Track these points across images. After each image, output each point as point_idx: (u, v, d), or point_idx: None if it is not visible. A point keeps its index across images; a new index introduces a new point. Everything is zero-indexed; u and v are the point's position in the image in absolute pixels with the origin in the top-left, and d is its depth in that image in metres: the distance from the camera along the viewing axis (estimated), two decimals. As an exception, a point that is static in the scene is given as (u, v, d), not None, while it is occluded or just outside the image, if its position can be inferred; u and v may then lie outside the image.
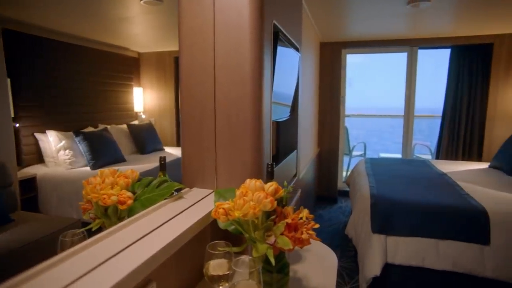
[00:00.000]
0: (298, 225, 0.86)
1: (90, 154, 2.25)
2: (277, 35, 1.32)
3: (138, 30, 2.67)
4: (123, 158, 2.57)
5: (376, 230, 2.14)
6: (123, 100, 2.85)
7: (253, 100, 1.13)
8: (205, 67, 1.17)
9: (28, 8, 1.73)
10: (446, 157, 4.18)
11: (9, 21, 1.64)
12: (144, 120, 3.05)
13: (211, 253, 0.82)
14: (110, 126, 2.70)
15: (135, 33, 2.78)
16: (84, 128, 2.39)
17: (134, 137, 2.86)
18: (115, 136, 2.63)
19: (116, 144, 2.59)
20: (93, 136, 2.38)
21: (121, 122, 2.84)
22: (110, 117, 2.72)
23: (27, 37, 1.80)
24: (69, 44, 2.11)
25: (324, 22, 3.39)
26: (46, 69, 1.96)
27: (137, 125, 2.96)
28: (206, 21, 1.14)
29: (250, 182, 0.85)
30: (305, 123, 3.25)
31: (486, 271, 1.99)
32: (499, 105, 3.86)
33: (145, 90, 2.95)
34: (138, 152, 2.86)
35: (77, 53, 2.21)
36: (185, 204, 1.04)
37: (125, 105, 2.87)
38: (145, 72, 2.92)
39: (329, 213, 4.05)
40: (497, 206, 2.12)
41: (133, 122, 2.96)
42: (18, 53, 1.74)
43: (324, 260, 1.19)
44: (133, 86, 2.93)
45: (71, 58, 2.14)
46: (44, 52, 1.93)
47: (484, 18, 3.12)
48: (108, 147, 2.51)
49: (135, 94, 2.93)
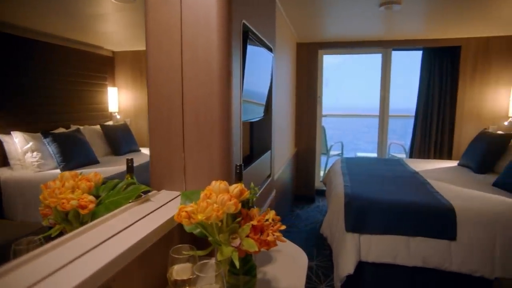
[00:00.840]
0: (264, 227, 0.85)
1: (60, 156, 2.17)
2: (247, 34, 1.31)
3: (112, 28, 2.59)
4: (96, 159, 2.49)
5: (350, 229, 2.18)
6: (96, 100, 2.76)
7: (221, 99, 1.12)
8: (172, 65, 1.14)
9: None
10: (419, 156, 4.31)
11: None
12: (119, 121, 2.97)
13: (175, 258, 0.80)
14: (83, 127, 2.61)
15: (108, 31, 2.70)
16: (55, 129, 2.30)
17: (108, 138, 2.78)
18: (88, 137, 2.54)
19: (89, 145, 2.51)
20: (64, 137, 2.29)
21: (94, 123, 2.75)
22: (83, 117, 2.63)
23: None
24: (38, 42, 2.02)
25: (300, 23, 3.41)
26: (11, 67, 1.87)
27: (111, 126, 2.87)
28: (173, 19, 1.12)
29: (215, 184, 0.83)
30: (281, 123, 3.26)
31: (453, 265, 2.06)
32: (467, 105, 4.02)
33: (120, 90, 2.87)
34: (113, 154, 2.78)
35: (46, 51, 2.12)
36: (151, 207, 1.01)
37: (99, 105, 2.78)
38: (120, 71, 2.84)
39: (307, 212, 4.09)
40: (463, 203, 2.21)
41: (108, 122, 2.88)
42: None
43: (294, 260, 1.19)
44: (107, 86, 2.84)
45: (39, 56, 2.05)
46: (9, 49, 1.84)
47: (452, 22, 3.24)
48: (80, 149, 2.43)
49: (110, 94, 2.85)
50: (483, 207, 2.16)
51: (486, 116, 3.97)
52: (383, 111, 4.62)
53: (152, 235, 0.83)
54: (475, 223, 2.06)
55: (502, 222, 2.03)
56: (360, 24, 3.38)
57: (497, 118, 3.92)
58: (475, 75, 3.95)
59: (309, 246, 3.06)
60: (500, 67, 3.85)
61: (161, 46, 1.15)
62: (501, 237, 2.01)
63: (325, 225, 2.58)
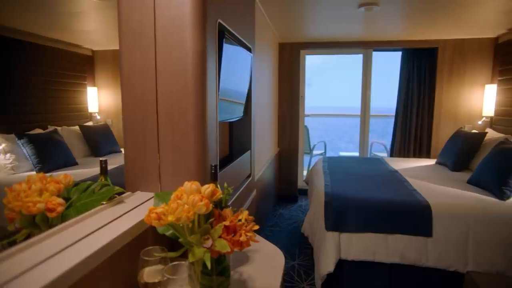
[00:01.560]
0: (237, 227, 0.85)
1: (36, 158, 2.11)
2: (223, 34, 1.31)
3: (91, 27, 2.54)
4: (74, 161, 2.44)
5: (330, 228, 2.20)
6: (75, 101, 2.69)
7: (195, 99, 1.11)
8: (146, 66, 1.13)
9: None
10: (399, 155, 4.40)
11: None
12: (100, 121, 2.91)
13: (145, 260, 0.79)
14: (61, 127, 2.54)
15: (87, 30, 2.64)
16: (31, 130, 2.23)
17: (87, 139, 2.72)
18: (66, 138, 2.48)
19: (67, 146, 2.45)
20: (40, 138, 2.23)
21: (73, 124, 2.69)
22: (61, 118, 2.56)
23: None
24: (13, 40, 1.96)
25: (281, 23, 3.43)
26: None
27: (91, 126, 2.81)
28: (147, 19, 1.11)
29: (187, 184, 0.83)
30: (263, 122, 3.27)
31: (429, 261, 2.11)
32: (444, 105, 4.13)
33: (101, 89, 2.81)
34: (92, 155, 2.72)
35: (22, 49, 2.05)
36: (124, 209, 1.00)
37: (78, 105, 2.71)
38: (100, 70, 2.78)
39: (290, 211, 4.11)
40: (439, 200, 2.26)
41: (87, 123, 2.81)
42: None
43: (271, 260, 1.19)
44: (86, 86, 2.77)
45: (14, 55, 1.99)
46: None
47: (429, 24, 3.32)
48: (57, 150, 2.37)
49: (89, 94, 2.79)
50: (457, 204, 2.22)
51: (462, 116, 4.09)
52: (364, 110, 4.69)
53: (123, 237, 0.82)
54: (450, 219, 2.12)
55: (474, 218, 2.10)
56: (341, 25, 3.42)
57: (472, 117, 4.05)
58: (451, 76, 4.06)
59: (291, 245, 3.08)
60: (475, 68, 3.98)
61: (134, 46, 1.13)
62: (473, 233, 2.07)
63: (306, 224, 2.60)
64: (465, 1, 2.53)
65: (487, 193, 2.41)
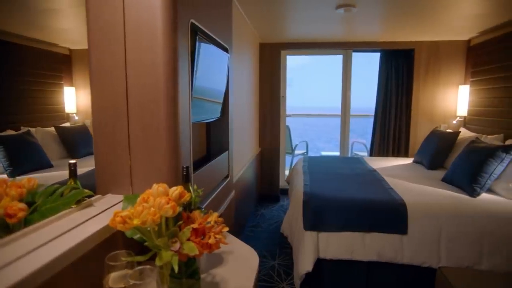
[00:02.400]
0: (206, 230, 0.84)
1: (7, 161, 2.02)
2: (196, 34, 1.30)
3: (68, 25, 2.46)
4: (49, 163, 2.36)
5: (308, 228, 2.22)
6: (51, 101, 2.60)
7: (167, 100, 1.10)
8: (116, 66, 1.11)
9: None
10: (378, 154, 4.48)
11: None
12: (77, 122, 2.83)
13: (111, 265, 0.77)
14: (35, 129, 2.46)
15: (64, 28, 2.56)
16: (2, 131, 2.15)
17: (64, 141, 2.64)
18: (40, 139, 2.40)
19: (41, 148, 2.38)
20: (11, 140, 2.14)
21: (49, 125, 2.61)
22: (35, 119, 2.47)
23: None
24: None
25: (261, 24, 3.43)
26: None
27: (67, 128, 2.73)
28: (115, 18, 1.08)
29: (154, 187, 0.82)
30: (243, 123, 3.26)
31: (404, 258, 2.16)
32: (421, 105, 4.24)
33: (79, 90, 2.73)
34: (69, 157, 2.65)
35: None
36: (93, 212, 0.97)
37: (54, 106, 2.63)
38: (78, 70, 2.70)
39: (271, 211, 4.13)
40: (414, 198, 2.32)
41: (64, 124, 2.74)
42: None
43: (245, 261, 1.19)
44: (63, 86, 2.69)
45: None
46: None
47: (406, 26, 3.40)
48: (30, 152, 2.29)
49: (67, 94, 2.71)
50: (431, 202, 2.28)
51: (438, 116, 4.21)
52: (344, 110, 4.76)
53: (88, 241, 0.80)
54: (424, 217, 2.17)
55: (447, 215, 2.16)
56: (321, 26, 3.46)
57: (447, 117, 4.17)
58: (427, 76, 4.17)
59: (272, 245, 3.09)
60: (449, 70, 4.10)
61: (103, 46, 1.11)
62: (445, 229, 2.13)
63: (285, 224, 2.61)
64: (439, 5, 2.60)
65: (460, 191, 2.48)
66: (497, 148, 2.38)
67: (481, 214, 2.15)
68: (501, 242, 2.08)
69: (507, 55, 3.16)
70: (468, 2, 2.57)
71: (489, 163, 2.35)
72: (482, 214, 2.15)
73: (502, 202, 2.28)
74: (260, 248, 3.00)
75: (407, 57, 4.26)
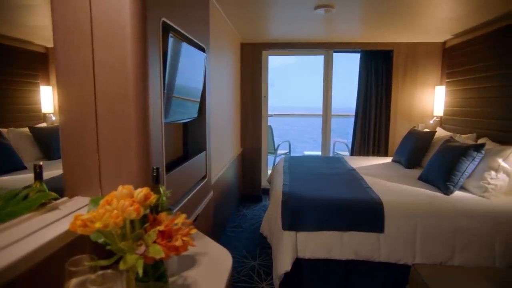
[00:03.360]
0: (173, 232, 0.83)
1: (-25, 163, 1.95)
2: (168, 33, 1.28)
3: (43, 21, 2.38)
4: (22, 165, 2.28)
5: (287, 227, 2.22)
6: (27, 101, 2.51)
7: (136, 100, 1.07)
8: (83, 65, 1.08)
9: None
10: (359, 153, 4.54)
11: None
12: (55, 122, 2.75)
13: (72, 270, 0.75)
14: (8, 129, 2.38)
15: (39, 25, 2.48)
16: (-27, 133, 2.06)
17: (39, 142, 2.56)
18: (13, 141, 2.31)
19: (13, 149, 2.29)
20: (-21, 141, 2.06)
21: (23, 125, 2.52)
22: (10, 119, 2.38)
23: None
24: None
25: (241, 23, 3.42)
26: None
27: (43, 128, 2.65)
28: (82, 16, 1.05)
29: (119, 189, 0.80)
30: (223, 123, 3.25)
31: (381, 256, 2.19)
32: (399, 105, 4.32)
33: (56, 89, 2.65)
34: (45, 158, 2.57)
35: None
36: (56, 216, 0.94)
37: (29, 106, 2.54)
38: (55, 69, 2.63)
39: (253, 212, 4.13)
40: (391, 197, 2.36)
41: (40, 124, 2.65)
42: None
43: (219, 263, 1.18)
44: (39, 85, 2.60)
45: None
46: None
47: (384, 28, 3.46)
48: (1, 154, 2.21)
49: (43, 94, 2.62)
50: (407, 200, 2.33)
51: (416, 115, 4.31)
52: (326, 110, 4.80)
53: (47, 246, 0.77)
54: (400, 215, 2.21)
55: (422, 213, 2.21)
56: (302, 26, 3.48)
57: (425, 117, 4.28)
58: (405, 77, 4.26)
59: (253, 246, 3.08)
60: (426, 71, 4.20)
61: (70, 44, 1.07)
62: (421, 227, 2.18)
63: (264, 224, 2.61)
64: (416, 7, 2.65)
65: (435, 189, 2.55)
66: (469, 147, 2.45)
67: (454, 211, 2.21)
68: (472, 238, 2.14)
69: (480, 57, 3.26)
70: (443, 6, 2.64)
71: (461, 162, 2.42)
72: (455, 211, 2.21)
73: (473, 199, 2.35)
74: (241, 248, 2.99)
75: (386, 58, 4.34)
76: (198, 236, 1.32)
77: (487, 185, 2.35)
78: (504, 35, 2.92)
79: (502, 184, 2.35)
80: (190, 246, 0.83)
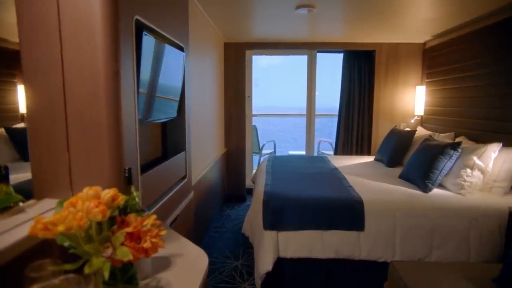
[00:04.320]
0: (141, 234, 0.81)
1: None
2: (142, 31, 1.26)
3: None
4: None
5: (268, 227, 2.22)
6: (4, 100, 2.42)
7: (107, 100, 1.05)
8: (51, 64, 1.05)
9: None
10: (343, 153, 4.59)
11: None
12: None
13: (33, 277, 0.72)
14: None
15: (13, 22, 2.40)
16: None
17: (15, 142, 2.48)
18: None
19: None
20: (-50, 142, 1.98)
21: (0, 126, 2.44)
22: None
23: None
24: None
25: (224, 23, 3.41)
26: None
27: (19, 129, 2.57)
28: (49, 14, 1.02)
29: (84, 190, 0.77)
30: (205, 122, 3.22)
31: (362, 254, 2.22)
32: (382, 104, 4.39)
33: (34, 88, 2.57)
34: (22, 159, 2.49)
35: None
36: (21, 219, 0.91)
37: (6, 105, 2.46)
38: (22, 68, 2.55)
39: (237, 211, 4.11)
40: (371, 195, 2.39)
41: (18, 125, 2.56)
42: None
43: (194, 263, 1.16)
44: (16, 84, 2.52)
45: None
46: None
47: (366, 28, 3.50)
48: (-26, 155, 2.13)
49: (21, 93, 2.54)
50: (387, 198, 2.36)
51: (397, 115, 4.38)
52: (310, 110, 4.83)
53: (6, 252, 0.74)
54: (380, 213, 2.24)
55: (402, 211, 2.24)
56: (285, 26, 3.49)
57: (406, 116, 4.35)
58: (387, 77, 4.33)
59: (236, 246, 3.07)
60: (407, 71, 4.28)
61: (37, 43, 1.04)
62: (400, 225, 2.22)
63: (246, 224, 2.61)
64: (395, 6, 2.69)
65: (414, 187, 2.59)
66: (447, 145, 2.51)
67: (432, 208, 2.25)
68: (448, 234, 2.19)
69: (458, 57, 3.34)
70: (423, 7, 2.69)
71: (439, 160, 2.47)
72: (433, 208, 2.25)
73: (450, 196, 2.40)
74: (224, 248, 2.97)
75: (368, 58, 4.39)
76: (174, 237, 1.30)
77: (463, 183, 2.40)
78: (480, 37, 3.00)
79: (476, 181, 2.41)
80: (163, 248, 0.81)
